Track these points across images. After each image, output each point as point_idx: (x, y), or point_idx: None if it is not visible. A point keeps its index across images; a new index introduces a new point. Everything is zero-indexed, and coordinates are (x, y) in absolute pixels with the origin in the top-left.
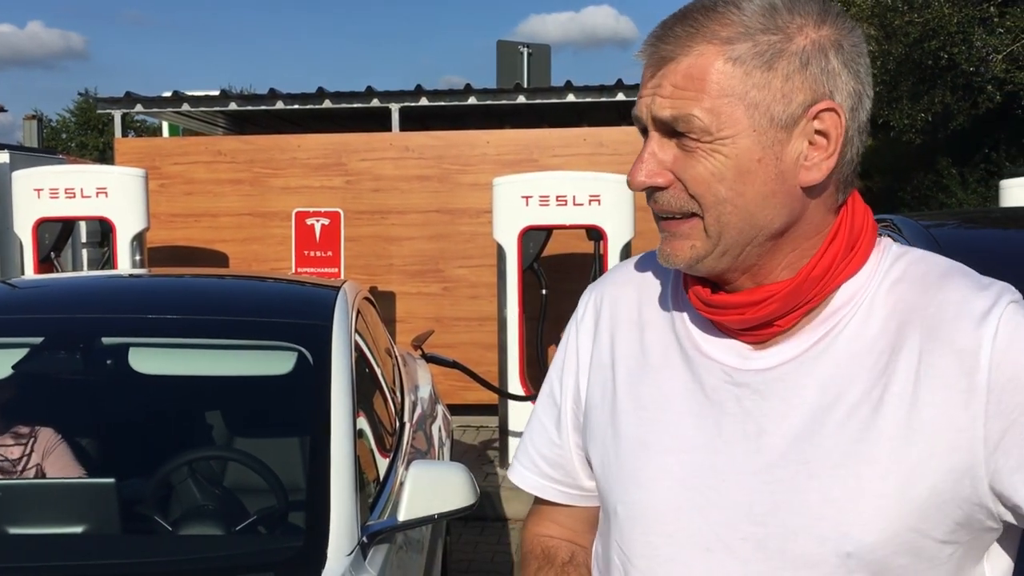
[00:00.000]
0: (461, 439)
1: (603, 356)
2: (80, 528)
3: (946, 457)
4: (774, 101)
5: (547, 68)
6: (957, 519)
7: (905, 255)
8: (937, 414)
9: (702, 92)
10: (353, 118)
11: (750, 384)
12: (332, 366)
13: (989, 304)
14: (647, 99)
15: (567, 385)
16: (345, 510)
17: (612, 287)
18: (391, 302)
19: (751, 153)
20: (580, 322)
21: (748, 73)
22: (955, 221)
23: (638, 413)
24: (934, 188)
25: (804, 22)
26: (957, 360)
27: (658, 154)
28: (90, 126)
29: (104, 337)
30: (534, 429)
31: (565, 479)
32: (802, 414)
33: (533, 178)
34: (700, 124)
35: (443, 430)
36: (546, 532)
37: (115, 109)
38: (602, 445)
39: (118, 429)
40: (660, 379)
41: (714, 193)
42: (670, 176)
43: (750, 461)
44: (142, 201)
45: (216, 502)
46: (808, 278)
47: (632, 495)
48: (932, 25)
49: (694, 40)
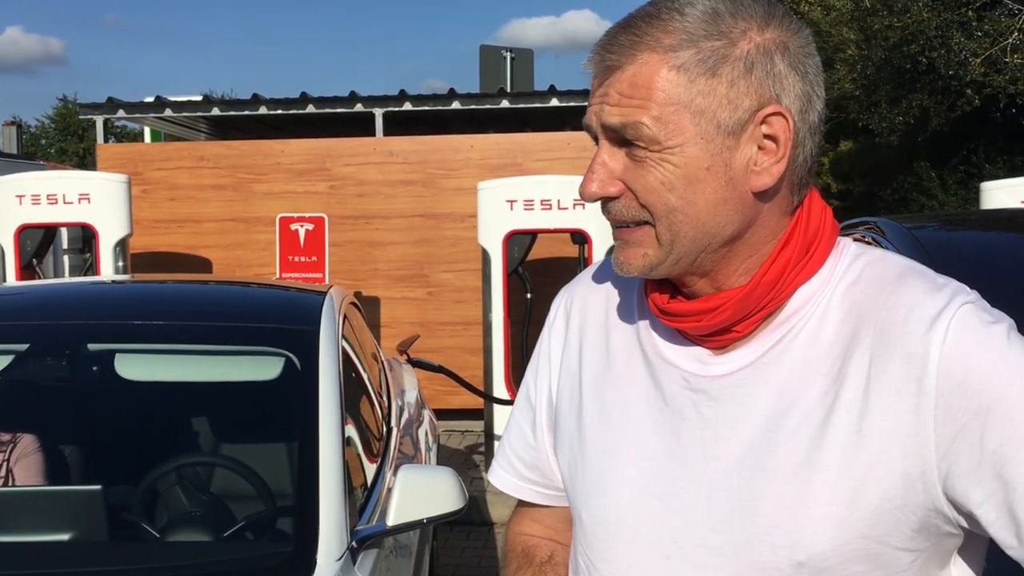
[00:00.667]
0: (447, 443)
1: (571, 360)
2: (67, 536)
3: (897, 463)
4: (720, 108)
5: (530, 72)
6: (912, 526)
7: (862, 256)
8: (888, 419)
9: (648, 100)
10: (337, 123)
11: (707, 390)
12: (320, 371)
13: (940, 306)
14: (596, 107)
15: (540, 388)
16: (334, 515)
17: (583, 289)
18: (376, 307)
19: (699, 161)
20: (552, 325)
21: (692, 80)
22: (938, 223)
23: (602, 419)
24: (914, 191)
25: (748, 26)
26: (907, 364)
27: (608, 163)
28: (70, 132)
29: (90, 343)
30: (511, 431)
31: (542, 480)
32: (757, 420)
33: (517, 182)
34: (648, 133)
35: (429, 435)
36: (528, 531)
37: (97, 114)
38: (569, 450)
39: (105, 435)
40: (623, 385)
41: (664, 202)
42: (621, 185)
43: (707, 468)
44: (125, 207)
45: (204, 508)
46: (760, 283)
47: (595, 501)
48: (911, 29)
49: (638, 48)
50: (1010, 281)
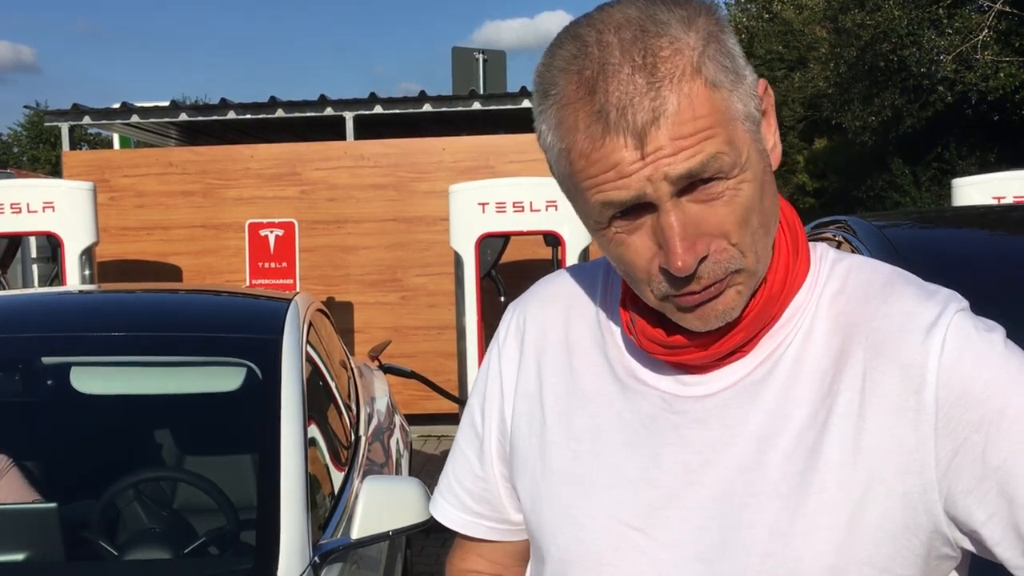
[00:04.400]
0: (422, 449)
1: (529, 384)
2: (22, 555)
3: (897, 481)
4: (749, 103)
5: (503, 74)
6: (915, 550)
7: (842, 262)
8: (885, 436)
9: (713, 128)
10: (307, 127)
11: (690, 412)
12: (282, 381)
13: (935, 315)
14: (647, 171)
15: (490, 414)
16: (295, 529)
17: (536, 306)
18: (349, 312)
19: (759, 164)
20: (503, 345)
21: (730, 90)
22: (909, 221)
23: (570, 445)
24: (888, 188)
25: (707, 19)
26: (903, 376)
27: (687, 223)
28: (42, 139)
29: (44, 357)
30: (456, 461)
31: (491, 514)
32: (746, 443)
33: (489, 185)
34: (729, 160)
35: (401, 442)
36: (472, 567)
37: (62, 122)
38: (531, 480)
39: (61, 451)
40: (592, 408)
41: (750, 227)
42: (706, 240)
43: (693, 495)
44: (91, 215)
45: (164, 524)
46: (770, 295)
47: (565, 534)
48: (883, 27)
49: (664, 86)
50: (981, 279)
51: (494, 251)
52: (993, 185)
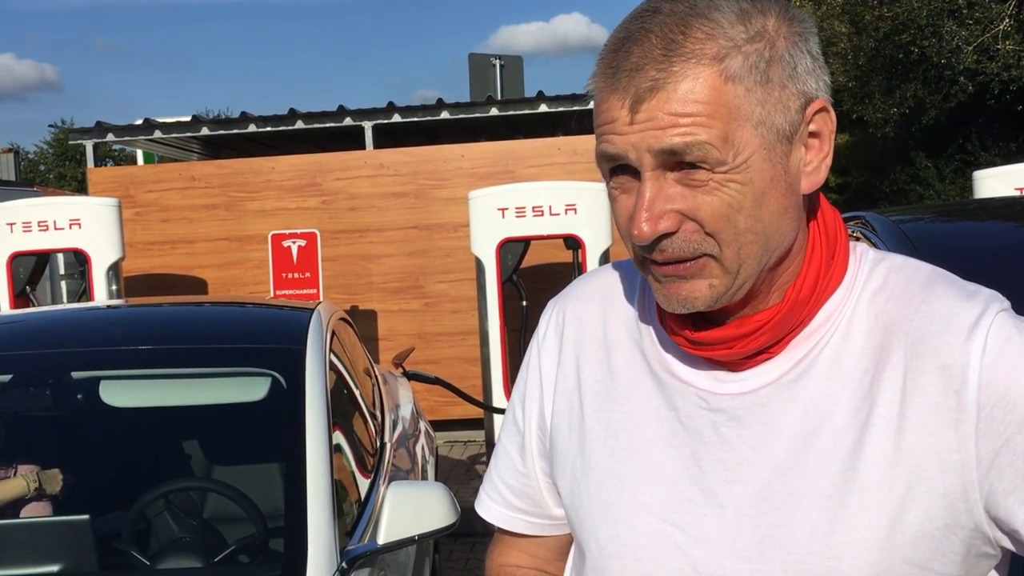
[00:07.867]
0: (448, 455)
1: (568, 380)
2: (56, 567)
3: (938, 482)
4: (776, 114)
5: (520, 79)
6: (955, 548)
7: (883, 261)
8: (926, 436)
9: (711, 118)
10: (327, 138)
11: (727, 410)
12: (306, 390)
13: (977, 315)
14: (635, 136)
15: (530, 410)
16: (323, 536)
17: (575, 303)
18: (372, 320)
19: (764, 174)
20: (542, 343)
21: (750, 90)
22: (928, 215)
23: (608, 442)
24: (911, 181)
25: (778, 23)
26: (944, 377)
27: (659, 196)
28: (68, 157)
29: (74, 372)
30: (499, 457)
31: (533, 509)
32: (785, 441)
33: (508, 190)
34: (716, 154)
35: (426, 448)
36: (513, 562)
37: (86, 139)
38: (571, 476)
39: (91, 464)
40: (630, 405)
41: (734, 225)
42: (677, 218)
43: (732, 493)
44: (116, 231)
45: (194, 533)
46: (797, 300)
47: (605, 530)
48: (902, 19)
49: (680, 63)
50: (998, 274)
51: (515, 256)
52: (1016, 176)
